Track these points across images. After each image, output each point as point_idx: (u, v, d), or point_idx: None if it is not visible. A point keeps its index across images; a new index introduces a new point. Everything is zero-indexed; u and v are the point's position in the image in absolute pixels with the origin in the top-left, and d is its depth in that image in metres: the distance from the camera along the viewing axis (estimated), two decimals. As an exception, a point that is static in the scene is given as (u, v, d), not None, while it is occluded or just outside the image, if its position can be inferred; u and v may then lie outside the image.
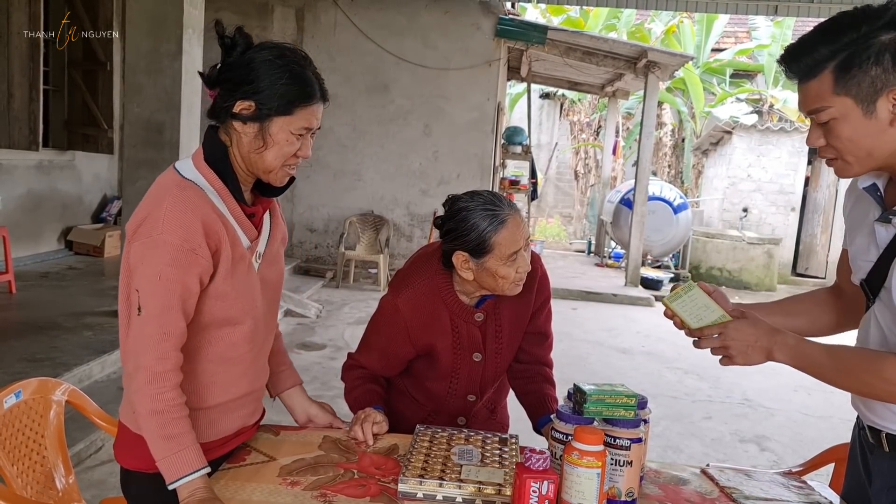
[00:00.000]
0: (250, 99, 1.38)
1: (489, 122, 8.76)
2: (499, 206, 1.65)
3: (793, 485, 1.66)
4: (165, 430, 1.34)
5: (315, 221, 9.01)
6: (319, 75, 1.45)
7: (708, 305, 1.46)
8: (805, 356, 1.35)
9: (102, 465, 3.34)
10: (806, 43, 1.27)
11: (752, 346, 1.36)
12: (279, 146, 1.41)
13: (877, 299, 1.37)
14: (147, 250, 1.34)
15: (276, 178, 1.46)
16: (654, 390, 5.29)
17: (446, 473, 1.47)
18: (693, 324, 1.45)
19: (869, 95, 1.22)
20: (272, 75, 1.38)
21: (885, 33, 1.20)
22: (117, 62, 6.79)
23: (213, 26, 1.44)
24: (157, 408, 1.34)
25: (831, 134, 1.27)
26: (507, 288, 1.69)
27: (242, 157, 1.44)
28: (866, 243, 1.39)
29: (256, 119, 1.39)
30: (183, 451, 1.34)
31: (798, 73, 1.28)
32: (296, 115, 1.40)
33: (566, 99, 16.30)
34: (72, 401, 1.96)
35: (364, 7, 8.57)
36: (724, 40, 14.83)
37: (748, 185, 11.85)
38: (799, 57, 1.27)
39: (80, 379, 4.01)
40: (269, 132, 1.40)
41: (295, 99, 1.39)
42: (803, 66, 1.26)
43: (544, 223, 15.84)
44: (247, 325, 1.49)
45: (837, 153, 1.29)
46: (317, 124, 1.44)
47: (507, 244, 1.63)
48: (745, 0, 7.48)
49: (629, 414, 1.46)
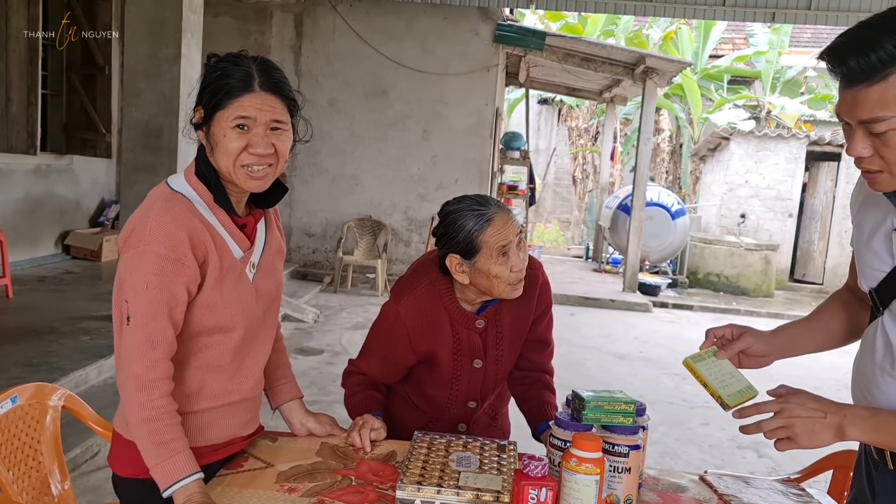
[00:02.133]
0: (198, 104, 1.42)
1: (487, 128, 8.77)
2: (485, 206, 1.66)
3: (791, 492, 1.65)
4: (156, 437, 1.35)
5: (313, 226, 9.00)
6: (268, 69, 1.43)
7: (733, 374, 1.42)
8: (884, 430, 1.20)
9: (98, 471, 3.32)
10: (869, 37, 1.05)
11: (820, 423, 1.20)
12: (223, 143, 1.40)
13: (886, 310, 1.29)
14: (135, 261, 1.37)
15: (239, 180, 1.43)
16: (651, 396, 5.28)
17: (444, 480, 1.46)
18: (720, 389, 1.39)
19: None
20: (209, 76, 1.41)
21: None
22: (116, 66, 6.79)
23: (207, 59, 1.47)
24: (147, 415, 1.35)
25: (886, 146, 1.10)
26: (504, 290, 1.69)
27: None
28: (880, 251, 1.29)
29: (204, 123, 1.42)
30: (175, 457, 1.35)
31: (857, 74, 1.07)
32: (229, 108, 1.39)
33: (564, 104, 16.35)
34: (68, 406, 1.95)
35: (363, 12, 8.59)
36: (722, 47, 14.89)
37: (746, 191, 11.87)
38: (862, 53, 1.06)
39: (77, 384, 3.99)
40: (212, 131, 1.42)
41: (227, 90, 1.39)
42: (865, 64, 1.06)
43: (542, 228, 15.86)
44: (238, 334, 1.50)
45: (886, 167, 1.13)
46: (258, 115, 1.39)
47: (494, 240, 1.64)
48: (742, 7, 7.50)
49: (627, 421, 1.46)
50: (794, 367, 6.41)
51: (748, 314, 9.40)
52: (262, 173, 1.43)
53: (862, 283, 1.36)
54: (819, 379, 6.22)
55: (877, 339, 1.32)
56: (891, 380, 1.29)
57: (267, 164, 1.42)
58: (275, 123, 1.41)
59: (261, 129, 1.40)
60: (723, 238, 11.36)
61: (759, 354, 1.51)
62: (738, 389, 1.39)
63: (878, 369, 1.32)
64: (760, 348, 1.51)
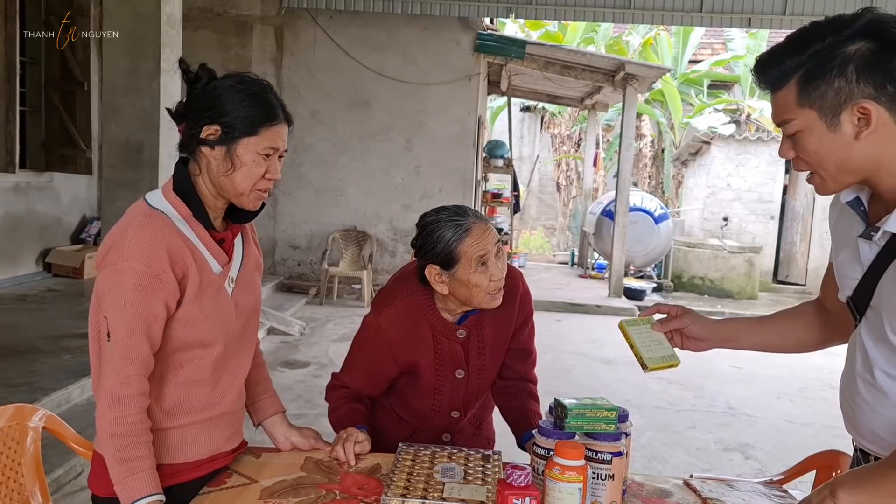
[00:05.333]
0: (216, 123, 1.43)
1: (470, 136, 8.80)
2: (462, 217, 1.67)
3: (774, 494, 1.67)
4: (122, 454, 1.36)
5: (298, 238, 8.98)
6: (282, 100, 1.50)
7: (661, 342, 1.51)
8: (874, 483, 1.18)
9: (82, 491, 3.28)
10: (775, 53, 1.24)
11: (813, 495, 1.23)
12: (247, 167, 1.44)
13: (863, 318, 1.31)
14: (113, 277, 1.38)
15: (247, 202, 1.49)
16: (638, 400, 5.30)
17: (429, 492, 1.46)
18: (644, 352, 1.49)
19: (833, 108, 1.17)
20: (235, 99, 1.43)
21: (851, 44, 1.15)
22: (95, 82, 6.75)
23: (178, 64, 1.49)
24: (115, 431, 1.36)
25: (799, 146, 1.24)
26: (484, 299, 1.69)
27: (213, 182, 1.47)
28: (850, 259, 1.32)
29: (223, 142, 1.43)
30: (137, 475, 1.36)
31: (767, 84, 1.25)
32: (261, 136, 1.44)
33: (547, 112, 16.43)
34: (49, 427, 1.93)
35: (343, 24, 8.61)
36: (701, 52, 15.03)
37: (728, 195, 11.98)
38: (768, 67, 1.24)
39: (59, 403, 3.95)
40: (236, 154, 1.44)
41: (258, 119, 1.43)
42: (771, 76, 1.24)
43: (528, 235, 15.90)
44: (217, 349, 1.50)
45: (810, 167, 1.25)
46: (282, 145, 1.48)
47: (473, 250, 1.65)
48: (719, 13, 7.60)
49: (610, 427, 1.46)
50: (778, 369, 6.49)
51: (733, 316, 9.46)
52: (266, 196, 1.51)
53: (840, 294, 1.38)
54: (803, 380, 6.28)
55: (856, 348, 1.34)
56: (871, 388, 1.30)
57: (272, 186, 1.51)
58: (284, 151, 1.50)
59: (277, 156, 1.48)
60: (706, 241, 11.45)
61: (695, 336, 1.56)
62: (661, 355, 1.49)
63: (858, 378, 1.33)
64: (696, 330, 1.56)
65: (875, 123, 1.16)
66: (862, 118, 1.16)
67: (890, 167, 1.20)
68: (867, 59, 1.14)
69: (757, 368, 6.57)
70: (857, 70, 1.14)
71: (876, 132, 1.16)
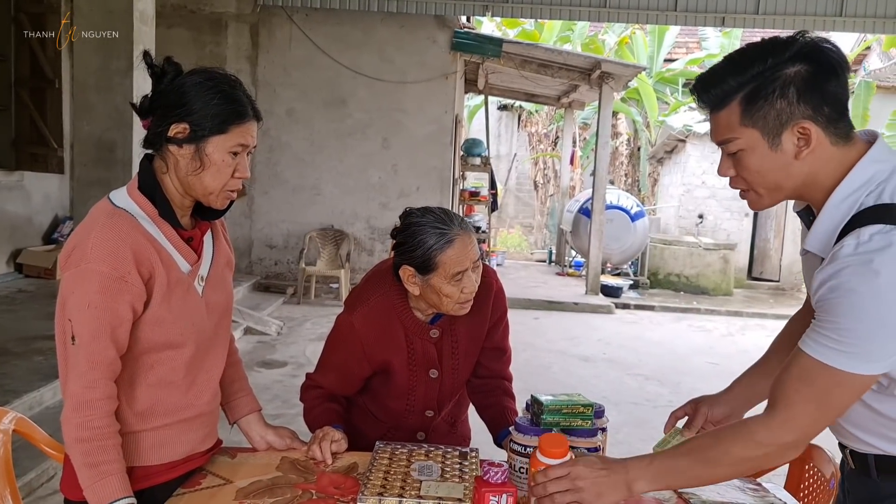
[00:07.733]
0: (184, 121, 1.39)
1: (447, 135, 8.80)
2: (448, 225, 1.63)
3: (748, 487, 1.69)
4: (90, 458, 1.34)
5: (274, 237, 8.92)
6: (250, 96, 1.48)
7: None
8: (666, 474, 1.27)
9: (54, 495, 3.23)
10: (716, 73, 1.25)
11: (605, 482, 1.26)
12: (216, 166, 1.42)
13: None
14: (77, 279, 1.35)
15: (216, 201, 1.46)
16: (615, 397, 5.34)
17: (406, 490, 1.46)
18: None
19: (774, 128, 1.21)
20: (204, 97, 1.40)
21: (791, 66, 1.19)
22: (66, 80, 6.64)
23: (143, 57, 1.48)
24: (81, 436, 1.34)
25: (740, 165, 1.26)
26: (451, 307, 1.68)
27: (180, 180, 1.44)
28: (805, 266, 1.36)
29: (192, 140, 1.40)
30: (106, 479, 1.34)
31: (708, 103, 1.26)
32: (230, 133, 1.41)
33: (524, 110, 16.48)
34: (20, 430, 1.89)
35: (319, 22, 8.56)
36: (676, 51, 15.17)
37: (703, 192, 12.10)
38: (709, 87, 1.26)
39: (31, 406, 3.88)
40: (206, 152, 1.41)
41: (228, 117, 1.41)
42: (713, 96, 1.25)
43: (505, 234, 15.95)
44: (189, 349, 1.48)
45: (748, 185, 1.28)
46: (252, 142, 1.46)
47: (452, 264, 1.62)
48: (693, 12, 7.70)
49: (586, 423, 1.48)
50: (753, 364, 6.57)
51: (708, 313, 9.56)
52: (235, 194, 1.48)
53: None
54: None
55: None
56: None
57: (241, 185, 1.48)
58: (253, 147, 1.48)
59: (245, 154, 1.45)
60: (682, 239, 11.56)
61: (721, 418, 1.58)
62: None
63: None
64: (719, 412, 1.58)
65: (814, 143, 1.20)
66: (802, 138, 1.21)
67: (822, 184, 1.24)
68: (806, 80, 1.19)
69: (733, 365, 6.63)
70: (797, 91, 1.19)
71: (813, 152, 1.21)
